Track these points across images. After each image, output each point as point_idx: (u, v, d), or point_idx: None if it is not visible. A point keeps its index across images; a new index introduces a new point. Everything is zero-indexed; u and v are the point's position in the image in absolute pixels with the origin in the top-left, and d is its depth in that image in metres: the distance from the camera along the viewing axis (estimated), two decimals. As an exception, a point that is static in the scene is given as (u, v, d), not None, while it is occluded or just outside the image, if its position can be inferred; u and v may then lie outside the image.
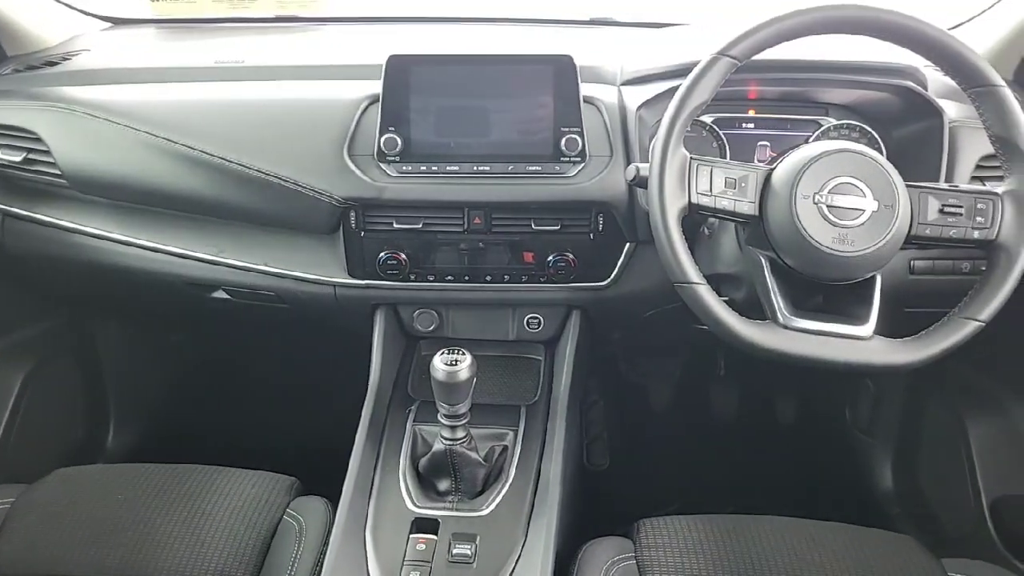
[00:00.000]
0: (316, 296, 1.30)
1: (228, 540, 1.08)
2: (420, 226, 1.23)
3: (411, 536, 1.04)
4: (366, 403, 1.25)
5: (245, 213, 1.28)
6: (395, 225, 1.23)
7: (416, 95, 1.18)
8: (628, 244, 1.25)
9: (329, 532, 1.07)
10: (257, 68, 1.37)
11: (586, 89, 1.19)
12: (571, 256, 1.24)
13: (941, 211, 0.97)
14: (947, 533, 1.59)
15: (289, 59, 1.42)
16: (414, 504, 1.09)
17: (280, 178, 1.21)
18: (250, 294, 1.35)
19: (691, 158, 0.97)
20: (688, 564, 1.04)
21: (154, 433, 1.87)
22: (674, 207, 0.96)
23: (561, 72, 1.17)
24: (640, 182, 1.00)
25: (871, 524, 1.14)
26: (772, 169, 0.99)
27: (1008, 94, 0.95)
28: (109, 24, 1.72)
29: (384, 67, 1.17)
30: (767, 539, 1.08)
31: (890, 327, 0.97)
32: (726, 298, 1.00)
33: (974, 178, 1.19)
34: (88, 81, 1.34)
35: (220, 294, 1.38)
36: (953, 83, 1.00)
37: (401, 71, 1.18)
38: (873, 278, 0.99)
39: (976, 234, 0.96)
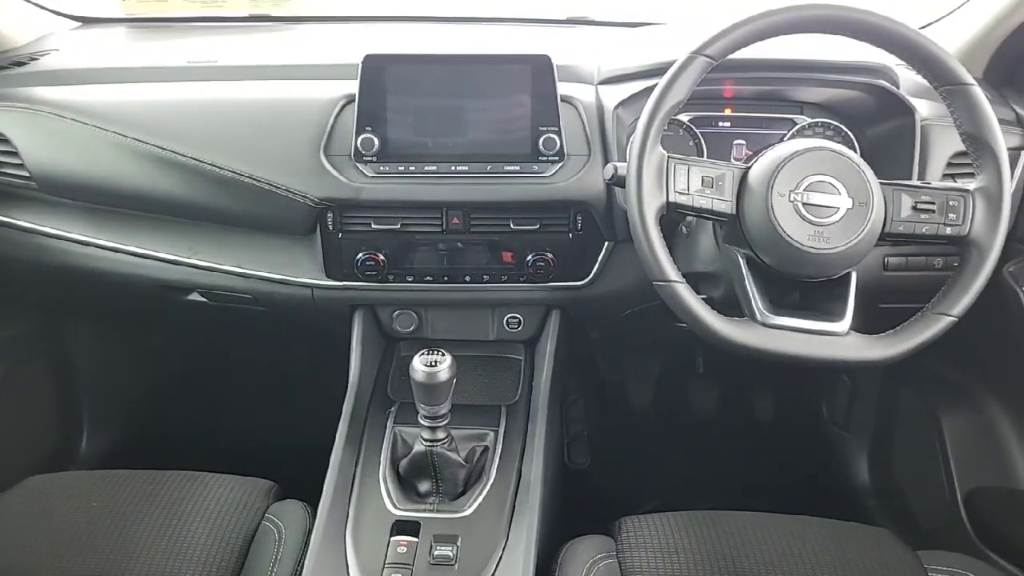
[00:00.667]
0: (293, 298, 1.29)
1: (205, 547, 1.07)
2: (398, 226, 1.22)
3: (392, 538, 1.04)
4: (345, 405, 1.24)
5: (220, 215, 1.26)
6: (373, 226, 1.22)
7: (393, 95, 1.17)
8: (607, 243, 1.25)
9: (309, 536, 1.06)
10: (230, 68, 1.35)
11: (563, 88, 1.20)
12: (550, 255, 1.24)
13: (914, 208, 0.98)
14: (922, 525, 1.61)
15: (263, 59, 1.41)
16: (395, 506, 1.08)
17: (255, 179, 1.19)
18: (226, 296, 1.34)
19: (668, 157, 0.97)
20: (669, 561, 1.05)
21: (129, 439, 1.84)
22: (652, 206, 0.96)
23: (538, 71, 1.17)
24: (618, 181, 1.01)
25: (848, 517, 1.16)
26: (748, 167, 0.99)
27: (978, 92, 0.97)
28: (79, 23, 1.69)
29: (360, 66, 1.17)
30: (746, 534, 1.09)
31: (865, 323, 0.99)
32: (704, 296, 1.00)
33: (946, 175, 1.21)
34: (57, 81, 1.32)
35: (195, 297, 1.37)
36: (925, 82, 1.02)
37: (377, 71, 1.17)
38: (848, 275, 1.00)
39: (948, 230, 0.98)
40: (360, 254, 1.23)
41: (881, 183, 0.98)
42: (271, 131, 1.22)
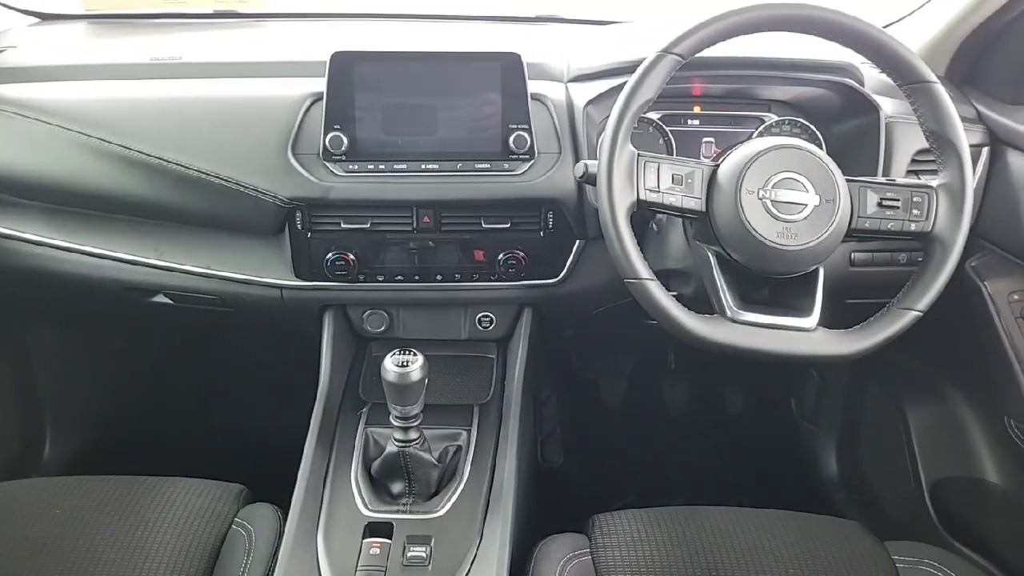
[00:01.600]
0: (262, 299, 1.28)
1: (173, 553, 1.05)
2: (368, 226, 1.21)
3: (364, 541, 1.03)
4: (316, 406, 1.23)
5: (185, 215, 1.24)
6: (342, 225, 1.21)
7: (361, 93, 1.16)
8: (578, 241, 1.26)
9: (279, 540, 1.05)
10: (195, 65, 1.33)
11: (533, 86, 1.20)
12: (522, 254, 1.23)
13: (879, 204, 0.99)
14: (890, 516, 1.64)
15: (229, 56, 1.38)
16: (367, 508, 1.07)
17: (221, 178, 1.18)
18: (192, 298, 1.32)
19: (638, 155, 0.98)
20: (642, 557, 1.05)
21: (94, 444, 1.81)
22: (623, 204, 0.96)
23: (508, 69, 1.16)
24: (589, 179, 1.01)
25: (817, 510, 1.17)
26: (718, 165, 1.00)
27: (941, 90, 0.99)
28: (36, 20, 1.65)
29: (328, 64, 1.15)
30: (718, 529, 1.10)
31: (833, 318, 1.00)
32: (675, 293, 1.01)
33: (910, 172, 1.23)
34: (15, 79, 1.29)
35: (160, 298, 1.34)
36: (889, 80, 1.03)
37: (345, 68, 1.16)
38: (816, 271, 1.01)
39: (913, 226, 0.99)
40: (330, 254, 1.22)
41: (847, 180, 0.99)
42: (237, 129, 1.20)
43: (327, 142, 1.16)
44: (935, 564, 1.06)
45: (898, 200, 0.99)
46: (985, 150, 1.27)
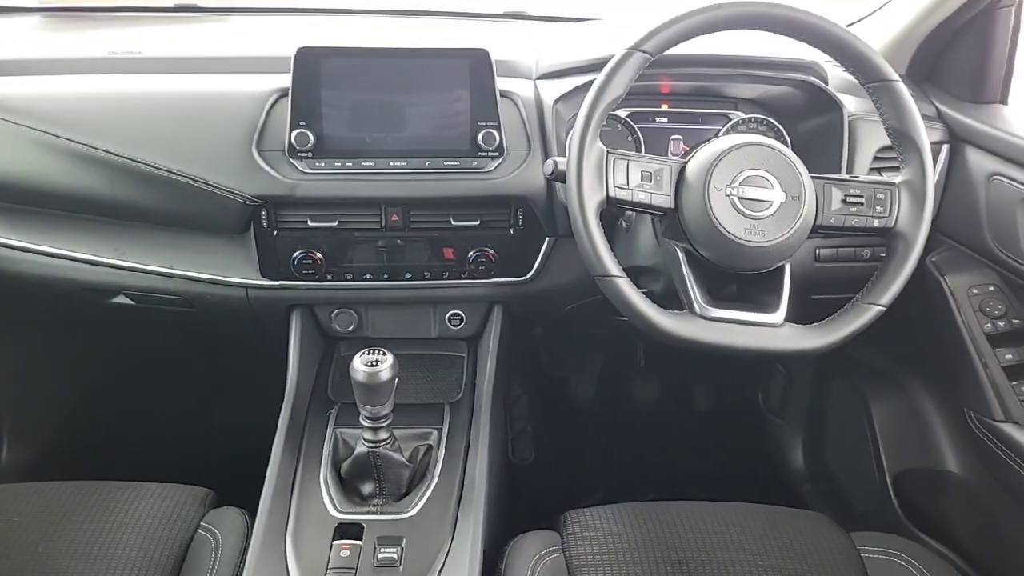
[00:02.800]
0: (227, 299, 1.25)
1: (136, 559, 1.03)
2: (336, 224, 1.20)
3: (334, 543, 1.02)
4: (283, 408, 1.21)
5: (146, 213, 1.22)
6: (309, 223, 1.20)
7: (328, 89, 1.15)
8: (548, 238, 1.26)
9: (247, 544, 1.03)
10: (155, 60, 1.30)
11: (502, 83, 1.19)
12: (491, 251, 1.23)
13: (844, 201, 1.01)
14: (855, 507, 1.66)
15: (190, 51, 1.36)
16: (337, 509, 1.06)
17: (183, 176, 1.15)
18: (154, 299, 1.29)
19: (608, 152, 0.98)
20: (613, 553, 1.06)
21: (54, 449, 1.76)
22: (592, 201, 0.96)
23: (477, 66, 1.16)
24: (558, 176, 1.01)
25: (785, 502, 1.19)
26: (686, 162, 1.01)
27: (903, 88, 1.00)
28: (-11, 13, 1.61)
29: (293, 59, 1.14)
30: (688, 523, 1.11)
31: (799, 314, 1.01)
32: (645, 290, 1.02)
33: (872, 169, 1.25)
34: (-34, 74, 1.25)
35: (121, 299, 1.31)
36: (852, 78, 1.05)
37: (311, 64, 1.14)
38: (783, 267, 1.02)
39: (876, 223, 1.01)
40: (297, 252, 1.20)
41: (812, 177, 1.00)
42: (199, 126, 1.18)
43: (293, 139, 1.14)
44: (899, 554, 1.09)
45: (862, 197, 1.01)
46: (945, 147, 1.30)
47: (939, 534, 1.41)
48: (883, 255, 1.03)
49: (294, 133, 1.14)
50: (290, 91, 1.14)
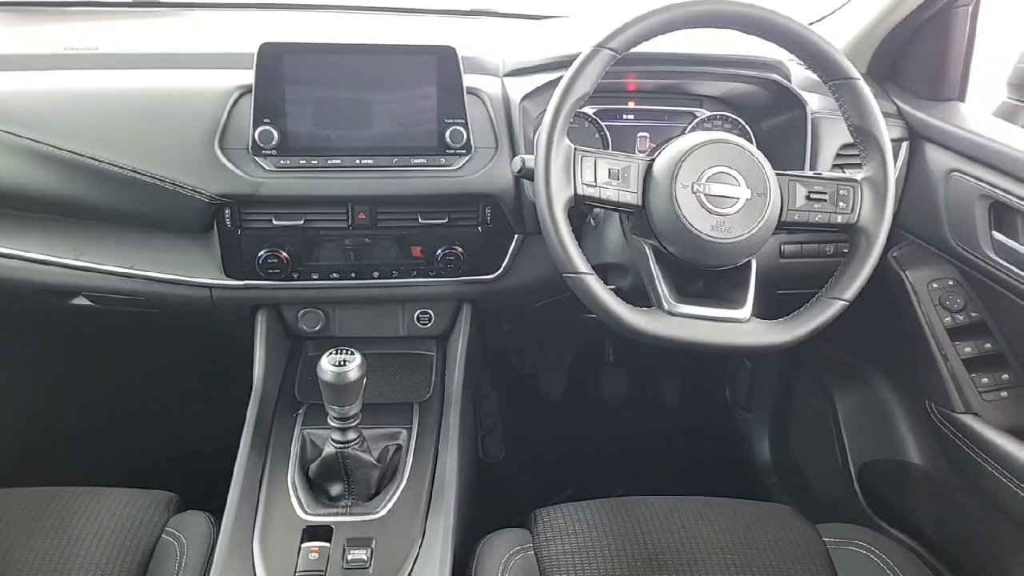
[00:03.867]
0: (190, 299, 1.23)
1: (99, 566, 1.01)
2: (302, 222, 1.19)
3: (303, 545, 1.00)
4: (250, 409, 1.19)
5: (106, 212, 1.19)
6: (274, 222, 1.18)
7: (292, 85, 1.13)
8: (516, 236, 1.25)
9: (213, 548, 1.02)
10: (114, 55, 1.27)
11: (469, 80, 1.19)
12: (460, 249, 1.22)
13: (808, 198, 1.02)
14: (820, 499, 1.69)
15: (150, 46, 1.33)
16: (305, 511, 1.05)
17: (144, 174, 1.13)
18: (116, 300, 1.26)
19: (576, 149, 0.98)
20: (584, 549, 1.06)
21: (13, 455, 1.71)
22: (560, 198, 0.96)
23: (444, 63, 1.15)
24: (526, 174, 1.01)
25: (752, 495, 1.21)
26: (653, 160, 1.01)
27: (864, 86, 1.02)
28: (-61, 7, 1.56)
29: (256, 55, 1.12)
30: (657, 518, 1.12)
31: (764, 309, 1.02)
32: (613, 287, 1.02)
33: (835, 165, 1.27)
34: (-84, 70, 1.21)
35: (81, 301, 1.28)
36: (815, 76, 1.06)
37: (275, 60, 1.13)
38: (749, 263, 1.03)
39: (839, 218, 1.02)
40: (262, 252, 1.19)
41: (777, 174, 1.01)
42: (160, 123, 1.16)
43: (257, 136, 1.13)
44: (863, 544, 1.11)
45: (825, 193, 1.02)
46: (905, 144, 1.32)
47: (903, 524, 1.44)
48: (846, 251, 1.05)
49: (258, 130, 1.13)
50: (253, 87, 1.13)
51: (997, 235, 1.17)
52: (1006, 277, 1.15)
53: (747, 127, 1.34)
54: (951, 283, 1.26)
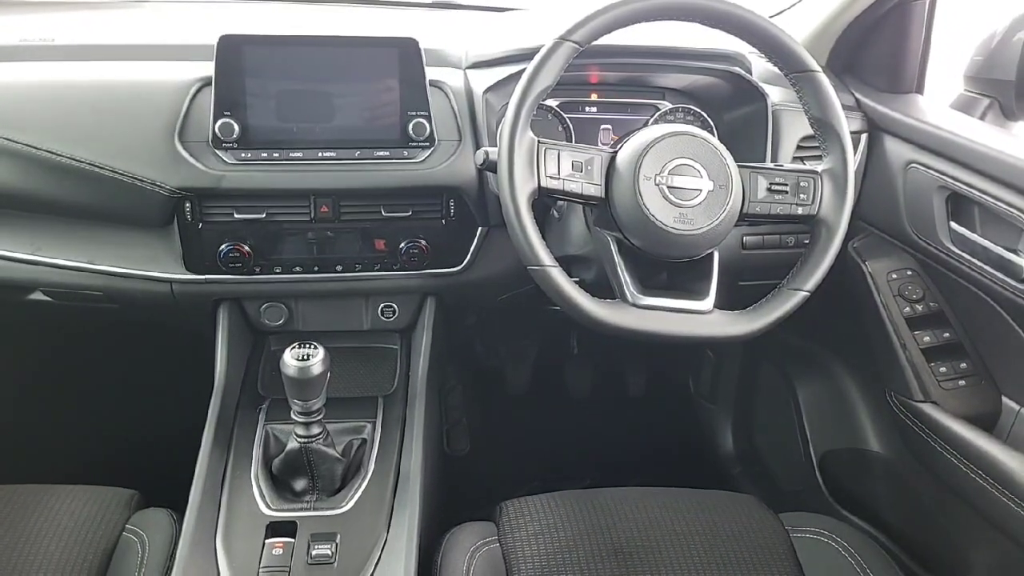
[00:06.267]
0: (150, 294, 1.22)
1: (58, 565, 0.99)
2: (263, 216, 1.17)
3: (267, 541, 1.00)
4: (211, 404, 1.18)
5: (64, 207, 1.17)
6: (236, 215, 1.17)
7: (252, 78, 1.12)
8: (480, 229, 1.25)
9: (175, 545, 1.01)
10: (70, 47, 1.25)
11: (431, 73, 1.18)
12: (423, 242, 1.22)
13: (769, 189, 1.03)
14: (783, 488, 1.71)
15: (107, 38, 1.31)
16: (268, 507, 1.04)
17: (102, 167, 1.11)
18: (74, 295, 1.24)
19: (539, 142, 0.98)
20: (549, 541, 1.07)
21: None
22: (524, 191, 0.96)
23: (406, 55, 1.14)
24: (490, 166, 1.00)
25: (716, 485, 1.22)
26: (616, 152, 1.02)
27: (824, 79, 1.03)
28: None
29: (216, 47, 1.11)
30: (623, 509, 1.12)
31: (727, 300, 1.03)
32: (577, 279, 1.02)
33: (795, 157, 1.28)
34: None
35: (38, 296, 1.26)
36: (775, 69, 1.07)
37: (235, 52, 1.11)
38: (711, 255, 1.04)
39: (800, 210, 1.03)
40: (223, 246, 1.17)
41: (739, 166, 1.02)
42: (117, 115, 1.14)
43: (217, 129, 1.11)
44: (825, 532, 1.12)
45: (786, 185, 1.03)
46: (864, 136, 1.34)
47: (864, 513, 1.46)
48: (807, 242, 1.06)
49: (218, 123, 1.11)
50: (213, 80, 1.11)
51: (955, 226, 1.19)
52: (964, 267, 1.17)
53: (709, 119, 1.35)
54: (910, 273, 1.28)
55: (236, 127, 1.12)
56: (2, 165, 1.12)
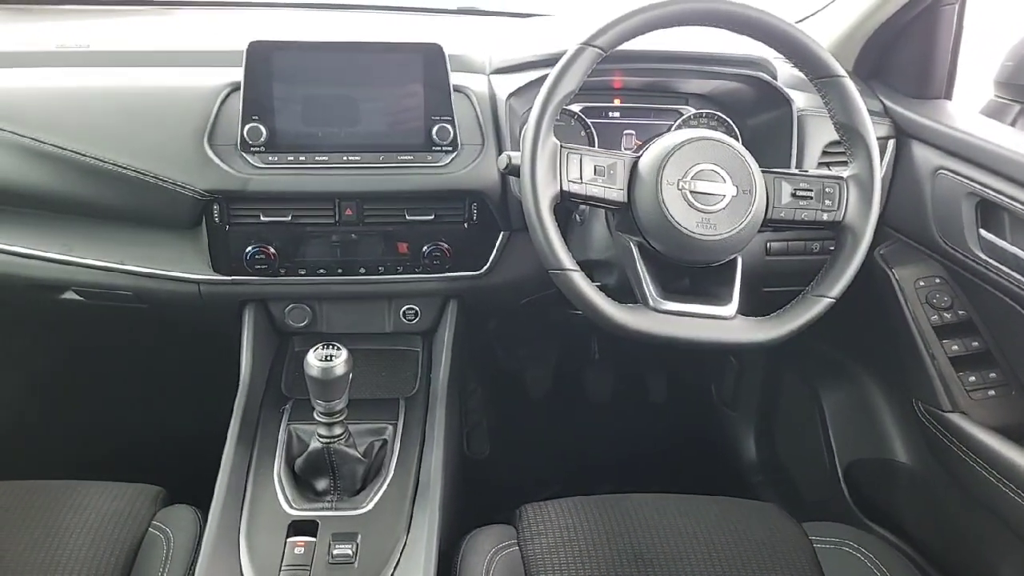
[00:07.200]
0: (178, 294, 1.24)
1: (86, 559, 1.01)
2: (289, 219, 1.19)
3: (288, 540, 1.01)
4: (236, 404, 1.19)
5: (97, 208, 1.19)
6: (262, 218, 1.19)
7: (280, 83, 1.14)
8: (502, 233, 1.26)
9: (199, 542, 1.02)
10: (105, 53, 1.28)
11: (456, 78, 1.19)
12: (446, 246, 1.23)
13: (793, 195, 1.02)
14: (806, 498, 1.69)
15: (140, 44, 1.33)
16: (291, 506, 1.05)
17: (135, 170, 1.13)
18: (104, 295, 1.27)
19: (561, 146, 0.98)
20: (569, 546, 1.06)
21: (1, 448, 1.72)
22: (546, 195, 0.97)
23: (430, 60, 1.16)
24: (512, 171, 1.01)
25: (738, 493, 1.21)
26: (638, 157, 1.02)
27: (849, 84, 1.02)
28: (-67, 5, 1.56)
29: (245, 53, 1.12)
30: (643, 515, 1.12)
31: (750, 306, 1.03)
32: (599, 283, 1.02)
33: (820, 163, 1.27)
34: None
35: (70, 295, 1.29)
36: (800, 74, 1.06)
37: (263, 58, 1.13)
38: (734, 260, 1.03)
39: (825, 216, 1.03)
40: (249, 247, 1.19)
41: (763, 171, 1.02)
42: (150, 119, 1.16)
43: (245, 133, 1.13)
44: (850, 543, 1.11)
45: (811, 191, 1.02)
46: (891, 142, 1.32)
47: (889, 523, 1.44)
48: (832, 248, 1.05)
49: (246, 127, 1.13)
50: (242, 85, 1.13)
51: (984, 233, 1.17)
52: (993, 275, 1.15)
53: (733, 125, 1.34)
54: (938, 281, 1.26)
55: (263, 131, 1.13)
56: (38, 168, 1.15)
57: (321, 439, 1.04)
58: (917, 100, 1.34)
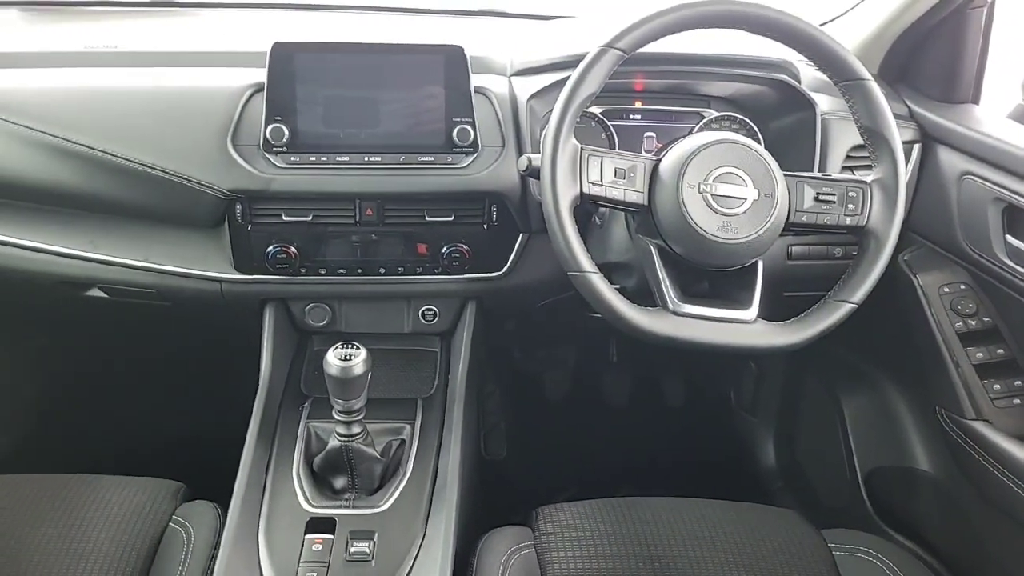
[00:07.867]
0: (201, 292, 1.25)
1: (108, 553, 1.02)
2: (310, 218, 1.20)
3: (307, 536, 1.02)
4: (256, 401, 1.21)
5: (122, 207, 1.21)
6: (284, 218, 1.20)
7: (303, 84, 1.15)
8: (521, 234, 1.26)
9: (219, 537, 1.03)
10: (131, 54, 1.29)
11: (477, 80, 1.19)
12: (465, 247, 1.23)
13: (816, 199, 1.02)
14: (826, 505, 1.68)
15: (166, 45, 1.35)
16: (309, 503, 1.06)
17: (159, 170, 1.15)
18: (128, 292, 1.28)
19: (582, 148, 0.98)
20: (585, 549, 1.06)
21: (26, 442, 1.74)
22: (566, 197, 0.97)
23: (452, 62, 1.16)
24: (532, 172, 1.01)
25: (756, 499, 1.20)
26: (659, 159, 1.01)
27: (875, 87, 1.01)
28: (-36, 6, 1.59)
29: (268, 54, 1.14)
30: (661, 519, 1.11)
31: (771, 311, 1.02)
32: (618, 286, 1.02)
33: (844, 167, 1.26)
34: (-59, 66, 1.24)
35: (95, 292, 1.30)
36: (824, 77, 1.06)
37: (286, 59, 1.14)
38: (755, 264, 1.03)
39: (848, 220, 1.02)
40: (271, 247, 1.20)
41: (785, 175, 1.01)
42: (175, 119, 1.18)
43: (268, 134, 1.14)
44: (869, 551, 1.09)
45: (834, 195, 1.02)
46: (917, 147, 1.31)
47: (910, 532, 1.42)
48: (855, 253, 1.04)
49: (269, 128, 1.14)
50: (265, 86, 1.14)
51: (1011, 239, 1.15)
52: (1019, 282, 1.13)
53: (755, 128, 1.33)
54: (963, 287, 1.25)
55: (286, 132, 1.14)
56: (65, 166, 1.17)
57: (339, 437, 1.04)
58: (944, 104, 1.32)
